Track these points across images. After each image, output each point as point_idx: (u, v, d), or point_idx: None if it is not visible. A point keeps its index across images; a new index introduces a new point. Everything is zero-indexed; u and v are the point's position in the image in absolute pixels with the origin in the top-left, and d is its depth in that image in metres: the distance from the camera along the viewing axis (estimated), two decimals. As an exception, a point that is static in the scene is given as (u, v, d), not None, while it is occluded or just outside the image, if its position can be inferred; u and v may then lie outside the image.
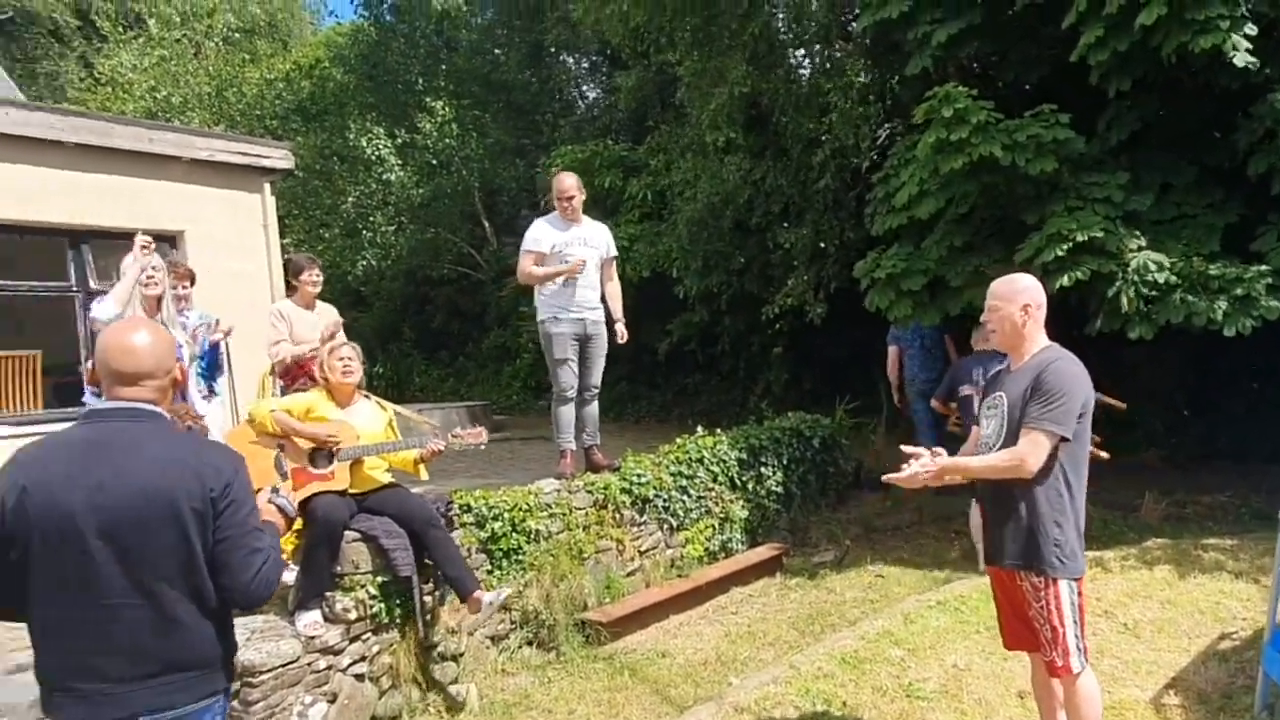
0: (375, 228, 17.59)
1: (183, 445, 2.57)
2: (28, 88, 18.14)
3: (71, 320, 10.12)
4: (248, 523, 2.54)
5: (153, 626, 2.43)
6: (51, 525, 2.36)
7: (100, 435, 2.48)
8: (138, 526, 2.39)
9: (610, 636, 6.05)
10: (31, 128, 9.67)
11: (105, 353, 2.54)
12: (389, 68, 18.77)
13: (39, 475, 2.40)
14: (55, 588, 2.38)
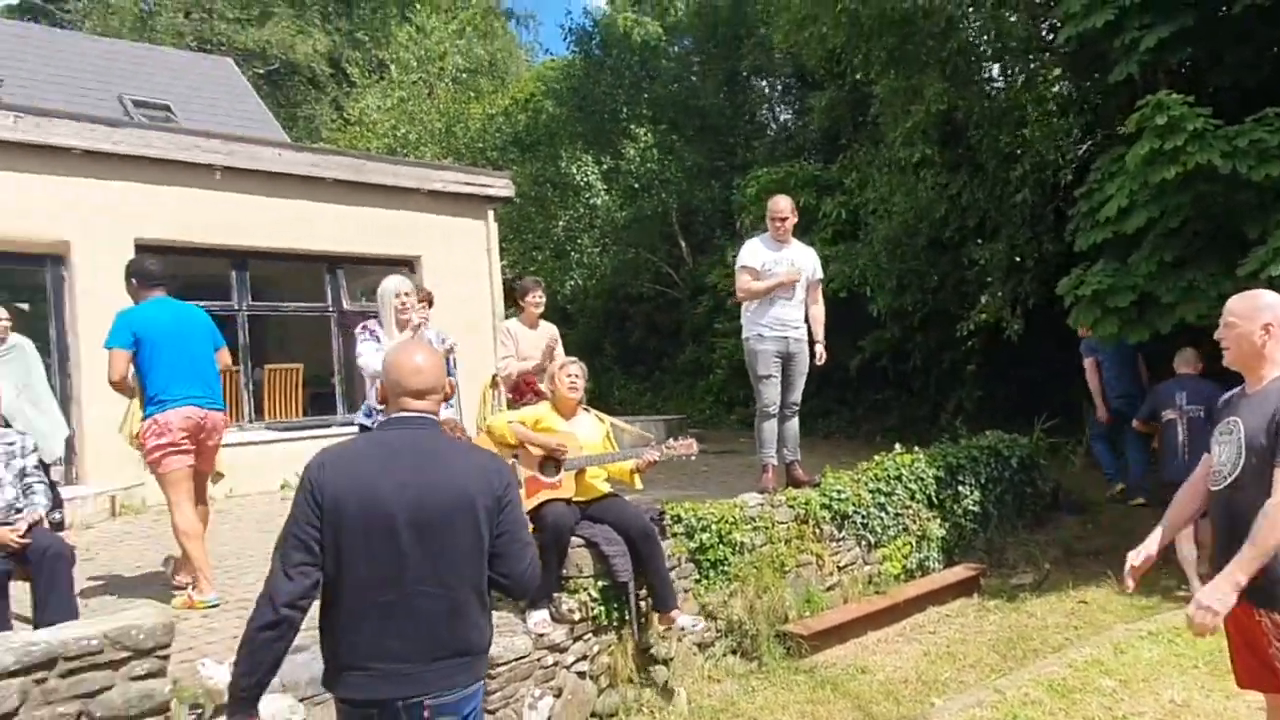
0: (582, 249, 18.02)
1: (470, 450, 2.78)
2: (289, 129, 19.54)
3: (328, 337, 10.80)
4: (521, 519, 2.71)
5: (446, 613, 2.53)
6: (368, 518, 2.48)
7: (400, 441, 2.62)
8: (442, 521, 2.52)
9: (810, 650, 5.96)
10: (298, 166, 10.38)
11: (398, 371, 2.69)
12: (596, 98, 19.17)
13: (355, 473, 2.53)
14: (366, 574, 2.48)
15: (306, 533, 2.48)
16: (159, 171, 9.37)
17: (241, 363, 10.09)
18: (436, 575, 2.51)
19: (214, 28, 25.33)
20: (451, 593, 2.53)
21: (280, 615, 2.42)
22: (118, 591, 5.65)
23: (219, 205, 9.69)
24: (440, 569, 2.52)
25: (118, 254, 8.82)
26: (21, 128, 8.59)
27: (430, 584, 2.51)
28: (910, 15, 10.79)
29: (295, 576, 2.44)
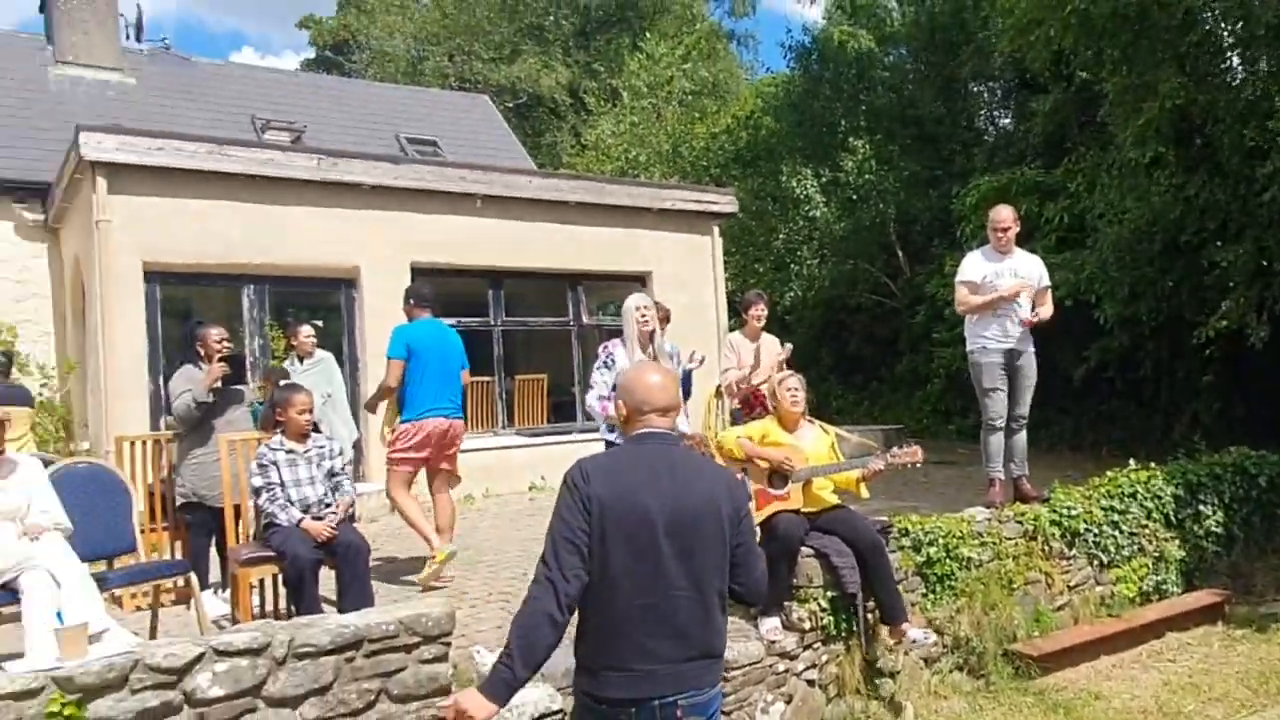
0: (801, 261, 17.82)
1: (712, 465, 2.91)
2: (534, 156, 20.42)
3: (569, 349, 11.21)
4: (753, 529, 2.81)
5: (698, 616, 2.57)
6: (632, 525, 2.53)
7: (652, 455, 2.68)
8: (696, 528, 2.57)
9: (1040, 671, 5.65)
10: (546, 191, 10.84)
11: (645, 390, 2.75)
12: (814, 113, 18.88)
13: (619, 484, 2.58)
14: (628, 579, 2.52)
15: (578, 538, 2.52)
16: (430, 202, 10.03)
17: (496, 373, 10.66)
18: (690, 580, 2.55)
19: (472, 68, 26.82)
20: (702, 597, 2.57)
21: (561, 617, 2.50)
22: (398, 580, 6.09)
23: (479, 230, 10.27)
24: (693, 574, 2.56)
25: (398, 277, 9.56)
26: (322, 168, 9.43)
27: (685, 588, 2.55)
28: (1145, 9, 9.98)
29: (571, 579, 2.50)
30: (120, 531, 4.80)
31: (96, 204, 8.35)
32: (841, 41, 17.98)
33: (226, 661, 3.51)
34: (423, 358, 6.02)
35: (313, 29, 32.27)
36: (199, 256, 8.75)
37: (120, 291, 8.34)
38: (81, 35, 14.11)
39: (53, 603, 3.91)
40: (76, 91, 13.66)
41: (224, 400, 5.83)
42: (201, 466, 5.63)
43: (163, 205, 8.57)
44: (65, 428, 10.23)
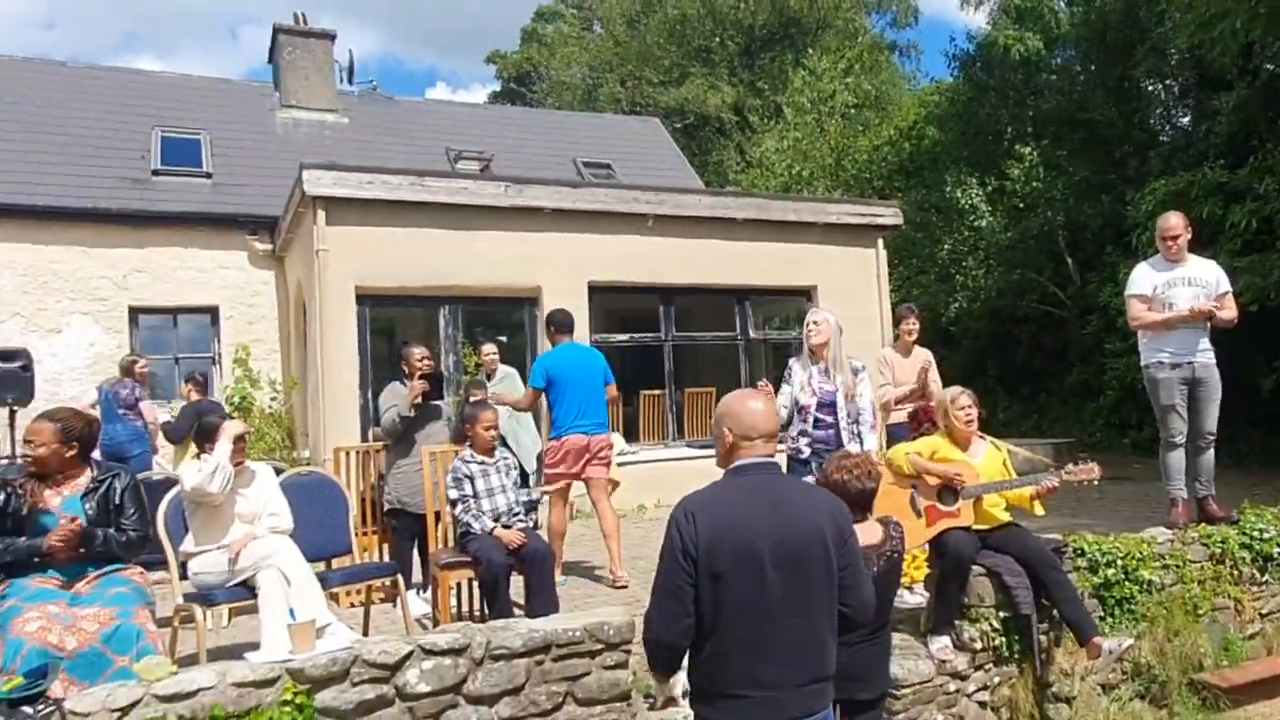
0: (966, 272, 17.06)
1: (815, 491, 2.82)
2: (701, 174, 20.49)
3: (736, 363, 11.18)
4: (858, 551, 2.70)
5: (809, 642, 2.53)
6: (740, 559, 2.49)
7: (756, 485, 2.62)
8: (801, 557, 2.51)
9: (1229, 703, 5.18)
10: (714, 209, 10.87)
11: (752, 416, 2.67)
12: (979, 120, 18.07)
13: (724, 518, 2.53)
14: (739, 611, 2.50)
15: (681, 583, 2.49)
16: (605, 223, 10.24)
17: (666, 387, 10.77)
18: (798, 609, 2.51)
19: (643, 92, 27.22)
20: (811, 622, 2.54)
21: (672, 650, 2.56)
22: (579, 587, 6.22)
23: (651, 249, 10.39)
24: (801, 603, 2.51)
25: (576, 295, 9.81)
26: (508, 194, 9.80)
27: (794, 616, 2.50)
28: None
29: (672, 623, 2.51)
30: (338, 535, 5.14)
31: (317, 234, 8.98)
32: (1007, 46, 17.11)
33: (432, 660, 3.71)
34: (563, 382, 6.34)
35: (498, 63, 33.62)
36: (402, 280, 9.26)
37: (336, 314, 8.95)
38: (302, 81, 15.23)
39: (284, 599, 4.23)
40: (298, 132, 14.74)
41: (424, 415, 6.13)
42: (405, 476, 5.95)
43: (372, 234, 9.13)
44: (289, 437, 11.05)
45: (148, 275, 11.83)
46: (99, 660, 3.57)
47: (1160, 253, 6.23)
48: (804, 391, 5.38)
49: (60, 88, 13.70)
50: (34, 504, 3.89)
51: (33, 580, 3.80)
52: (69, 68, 14.90)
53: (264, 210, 12.07)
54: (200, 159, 13.15)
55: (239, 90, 15.63)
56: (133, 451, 8.53)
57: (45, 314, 11.37)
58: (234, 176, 13.02)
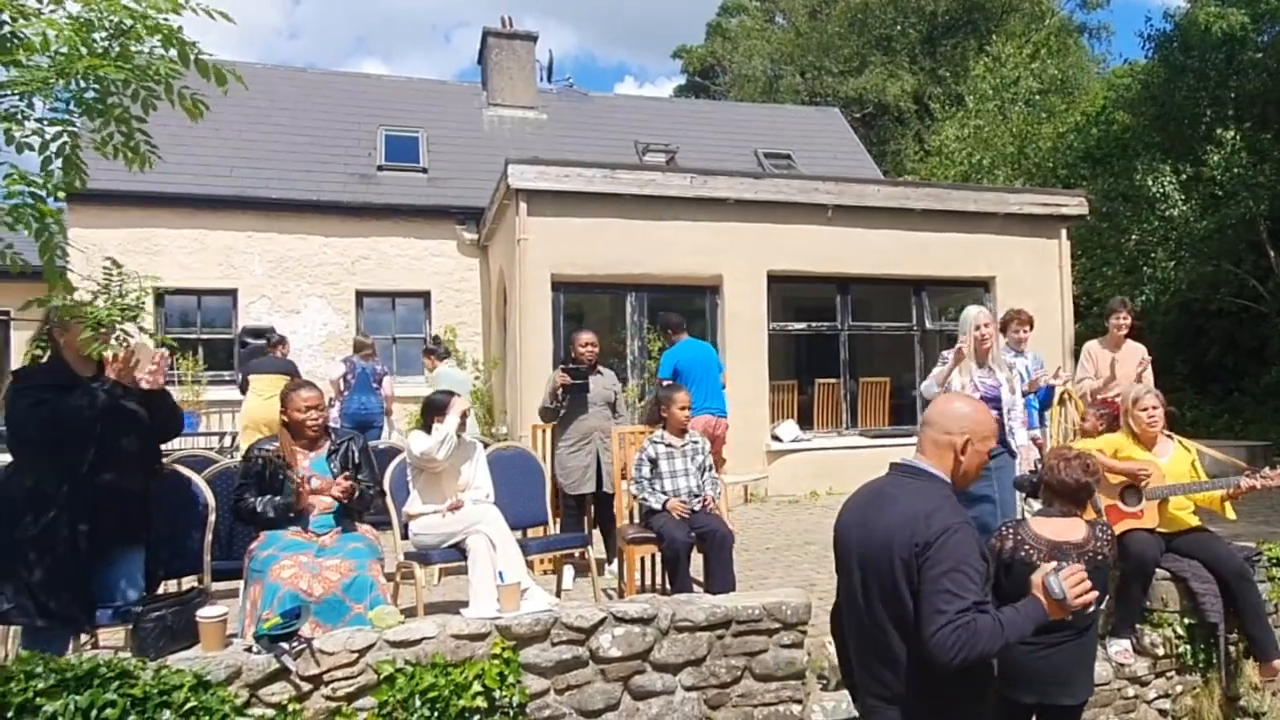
0: (1156, 263, 15.64)
1: (921, 502, 2.35)
2: (879, 164, 19.84)
3: (911, 354, 10.83)
4: (940, 583, 2.21)
5: (882, 652, 2.37)
6: (841, 555, 2.51)
7: (885, 485, 2.50)
8: (872, 565, 2.38)
9: None
10: (892, 199, 10.55)
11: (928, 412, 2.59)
12: (1175, 104, 16.48)
13: (844, 513, 2.54)
14: (846, 606, 2.50)
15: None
16: (785, 213, 10.11)
17: (841, 375, 10.57)
18: (874, 614, 2.36)
19: (823, 82, 26.57)
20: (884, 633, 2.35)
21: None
22: (753, 568, 6.23)
23: (829, 239, 10.20)
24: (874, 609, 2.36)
25: (755, 284, 9.79)
26: (693, 186, 9.85)
27: (873, 621, 2.37)
28: None
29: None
30: (536, 506, 5.38)
31: (518, 225, 9.37)
32: (1208, 24, 15.53)
33: (623, 627, 3.85)
34: (689, 373, 7.01)
35: (684, 57, 33.69)
36: (593, 268, 9.51)
37: (533, 299, 9.31)
38: (507, 80, 15.85)
39: (492, 562, 4.49)
40: (503, 129, 15.37)
41: (576, 405, 6.19)
42: (559, 457, 6.14)
43: (568, 224, 9.42)
44: (489, 414, 11.64)
45: (372, 262, 12.72)
46: (339, 606, 3.89)
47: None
48: (966, 389, 5.17)
49: (300, 91, 14.88)
50: (292, 467, 4.30)
51: (287, 532, 4.20)
52: (307, 73, 16.14)
53: (471, 202, 12.69)
54: (418, 155, 13.95)
55: (452, 90, 16.44)
56: (379, 422, 9.24)
57: (287, 296, 12.44)
58: (446, 171, 13.75)
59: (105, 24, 3.18)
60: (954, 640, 2.16)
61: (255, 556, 4.03)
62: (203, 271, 12.12)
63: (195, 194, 12.04)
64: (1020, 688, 3.39)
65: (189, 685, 3.17)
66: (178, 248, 12.01)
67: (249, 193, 12.39)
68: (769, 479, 9.55)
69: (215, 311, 12.51)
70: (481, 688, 3.52)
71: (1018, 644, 3.42)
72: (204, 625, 3.42)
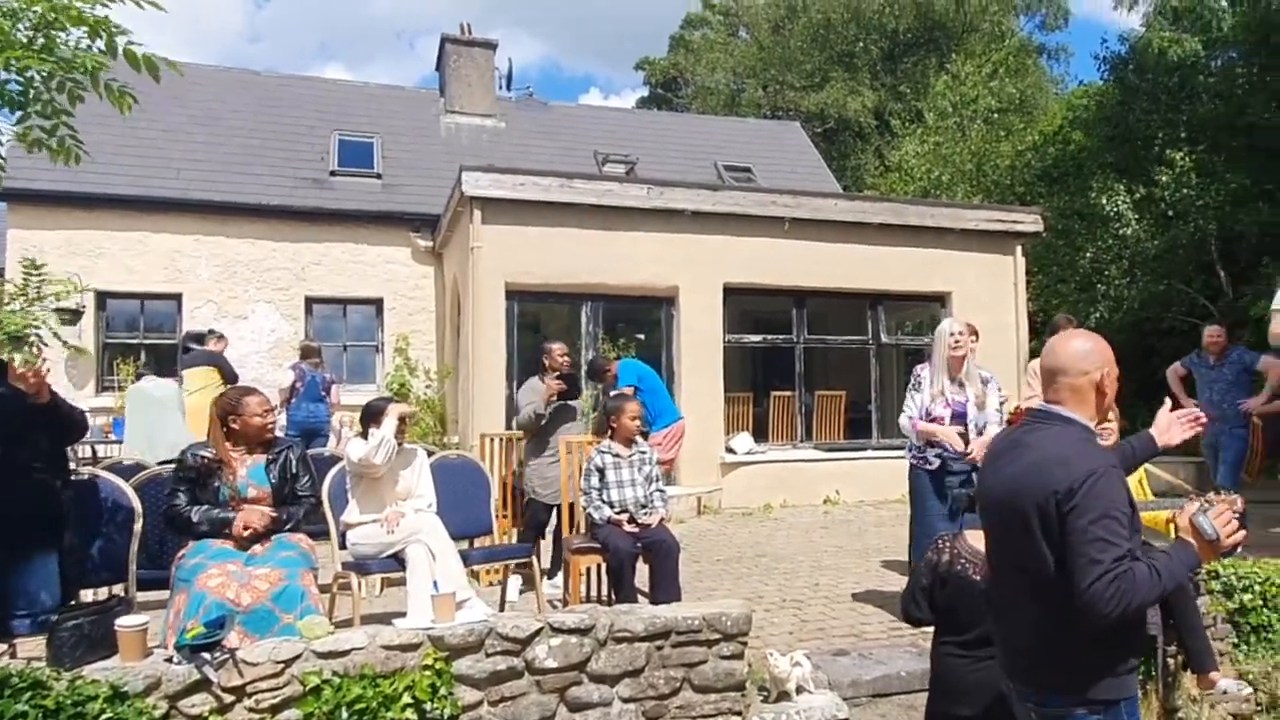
0: (1109, 281, 16.04)
1: (1056, 447, 2.24)
2: (839, 178, 20.08)
3: (867, 367, 10.94)
4: (1091, 531, 2.08)
5: (1017, 609, 2.29)
6: (986, 514, 2.47)
7: (1019, 435, 2.41)
8: (999, 514, 2.34)
9: (1378, 745, 4.77)
10: (849, 214, 10.66)
11: (1043, 354, 2.49)
12: (1129, 125, 16.96)
13: (986, 471, 2.51)
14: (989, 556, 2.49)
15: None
16: (743, 225, 10.17)
17: (797, 388, 10.65)
18: (1005, 565, 2.30)
19: (785, 96, 26.89)
20: (1015, 586, 2.27)
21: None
22: (702, 580, 6.24)
23: (786, 252, 10.27)
24: (1004, 558, 2.30)
25: (711, 296, 9.84)
26: (650, 197, 9.88)
27: (1005, 572, 2.30)
28: None
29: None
30: (480, 516, 5.35)
31: (472, 232, 9.33)
32: (1162, 48, 16.02)
33: (560, 638, 3.82)
34: (652, 383, 7.29)
35: (647, 69, 33.90)
36: (548, 278, 9.50)
37: (487, 308, 9.27)
38: (465, 88, 15.81)
39: (431, 572, 4.45)
40: (460, 136, 15.33)
41: (560, 415, 6.26)
42: (538, 468, 6.13)
43: (523, 233, 9.40)
44: (440, 423, 11.55)
45: (323, 268, 12.59)
46: (268, 616, 3.83)
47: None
48: (936, 402, 5.23)
49: (252, 95, 14.71)
50: (229, 475, 4.22)
51: (216, 540, 4.12)
52: (261, 77, 15.96)
53: (426, 209, 12.63)
54: (373, 160, 13.86)
55: (409, 97, 16.37)
56: (327, 430, 9.12)
57: (234, 301, 12.26)
58: (401, 177, 13.67)
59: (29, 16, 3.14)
60: (1113, 591, 2.04)
61: (182, 565, 3.95)
62: (147, 275, 11.91)
63: (140, 196, 11.83)
64: (958, 701, 3.43)
65: (104, 696, 3.09)
66: (121, 250, 11.79)
67: (196, 195, 12.21)
68: (723, 491, 9.58)
69: (160, 316, 12.29)
70: (411, 699, 3.47)
71: (951, 657, 3.49)
72: (123, 634, 3.34)
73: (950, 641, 3.45)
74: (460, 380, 10.20)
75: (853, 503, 9.73)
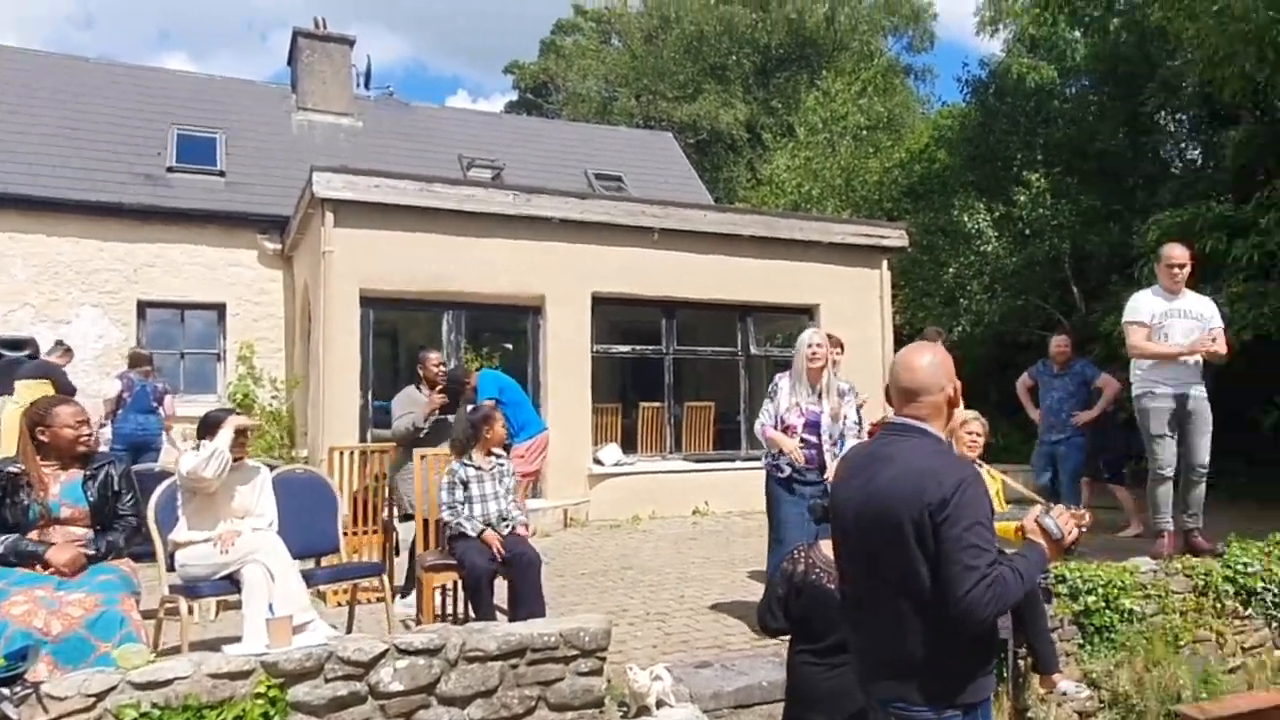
0: (971, 296, 17.04)
1: (921, 460, 2.35)
2: (711, 190, 20.54)
3: (736, 379, 11.20)
4: (964, 539, 2.19)
5: (881, 622, 2.36)
6: (843, 530, 2.52)
7: (876, 448, 2.52)
8: (863, 527, 2.39)
9: (1207, 736, 5.20)
10: (720, 225, 10.90)
11: (893, 370, 2.57)
12: (989, 146, 18.09)
13: (840, 486, 2.57)
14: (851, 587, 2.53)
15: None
16: (611, 235, 10.26)
17: (666, 400, 10.79)
18: (870, 579, 2.37)
19: (657, 106, 27.33)
20: (880, 599, 2.35)
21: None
22: (566, 594, 6.22)
23: (656, 262, 10.40)
24: (871, 573, 2.36)
25: (579, 305, 9.87)
26: (516, 203, 9.85)
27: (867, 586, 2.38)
28: (1347, 40, 9.11)
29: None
30: (327, 533, 5.16)
31: (324, 236, 9.06)
32: (1021, 74, 17.19)
33: (406, 659, 3.73)
34: (515, 395, 7.18)
35: (516, 73, 33.82)
36: (406, 284, 9.31)
37: (340, 315, 9.01)
38: (320, 84, 15.36)
39: (268, 594, 4.27)
40: (313, 135, 14.86)
41: (439, 431, 6.17)
42: (412, 483, 5.98)
43: (379, 238, 9.18)
44: (289, 435, 11.12)
45: (158, 270, 11.95)
46: (83, 645, 3.60)
47: (1161, 282, 6.27)
48: (791, 412, 5.39)
49: (80, 83, 13.85)
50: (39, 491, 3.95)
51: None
52: (91, 64, 15.06)
53: (275, 210, 12.18)
54: (215, 157, 13.27)
55: (257, 92, 15.77)
56: (158, 444, 8.61)
57: (56, 305, 11.48)
58: (247, 176, 13.14)
59: None
60: (989, 595, 2.16)
61: (-19, 592, 3.66)
62: (-50, 276, 11.02)
63: (-58, 188, 10.94)
64: (813, 708, 3.53)
65: (-126, 743, 2.83)
66: (-80, 247, 10.87)
67: (12, 189, 11.40)
68: (590, 503, 9.60)
69: (-33, 321, 11.37)
70: (241, 730, 3.32)
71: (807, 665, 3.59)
72: (-99, 673, 3.06)
73: (805, 650, 3.56)
74: (310, 391, 9.86)
75: (721, 513, 9.91)
